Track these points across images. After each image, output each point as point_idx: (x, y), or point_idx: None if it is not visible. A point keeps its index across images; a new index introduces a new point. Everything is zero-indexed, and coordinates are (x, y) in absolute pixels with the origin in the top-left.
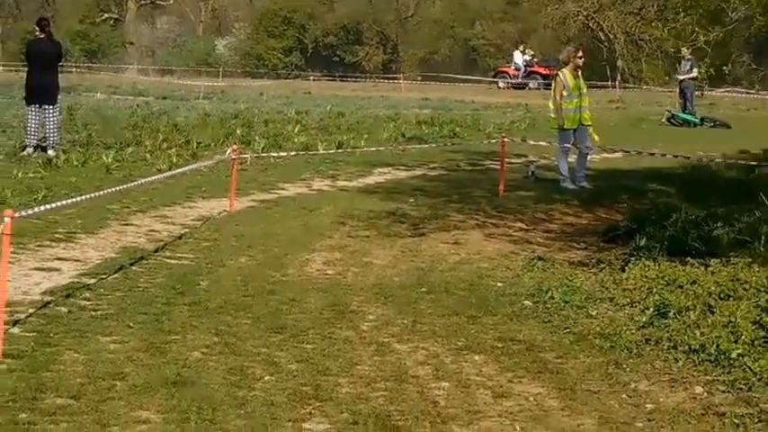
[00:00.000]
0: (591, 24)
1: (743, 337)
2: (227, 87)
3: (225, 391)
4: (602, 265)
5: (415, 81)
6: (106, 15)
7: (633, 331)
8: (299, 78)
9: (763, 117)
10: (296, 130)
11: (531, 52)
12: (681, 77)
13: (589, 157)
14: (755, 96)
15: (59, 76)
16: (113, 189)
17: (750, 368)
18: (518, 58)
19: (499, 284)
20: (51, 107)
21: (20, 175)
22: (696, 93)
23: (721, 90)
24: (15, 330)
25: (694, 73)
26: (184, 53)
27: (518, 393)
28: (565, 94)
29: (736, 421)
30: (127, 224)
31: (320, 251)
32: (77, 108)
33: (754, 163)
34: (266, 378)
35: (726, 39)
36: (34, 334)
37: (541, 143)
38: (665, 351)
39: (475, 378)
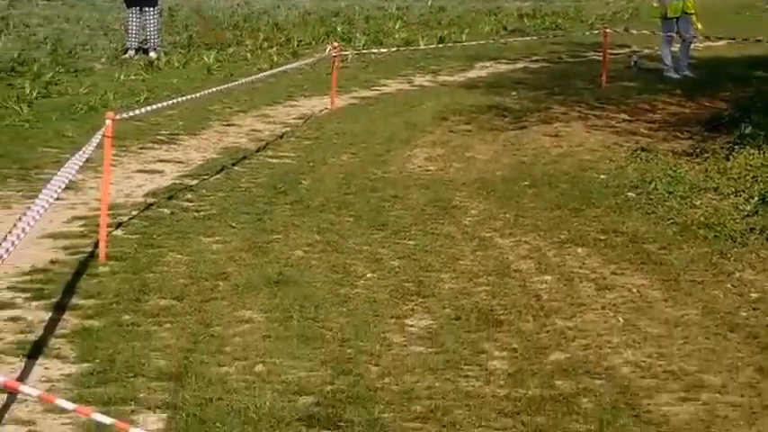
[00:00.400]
0: None
1: None
2: None
3: (327, 289)
4: (707, 155)
5: None
6: None
7: (738, 220)
8: None
9: None
10: (397, 26)
11: None
12: None
13: (692, 46)
14: None
15: None
16: (214, 89)
17: None
18: None
19: (602, 176)
20: (152, 9)
21: (122, 77)
22: None
23: None
24: (119, 233)
25: None
26: None
27: (621, 285)
28: None
29: None
30: (228, 124)
31: (422, 147)
32: (178, 9)
33: None
34: (368, 275)
35: None
36: (137, 236)
37: (644, 33)
38: None
39: (578, 271)
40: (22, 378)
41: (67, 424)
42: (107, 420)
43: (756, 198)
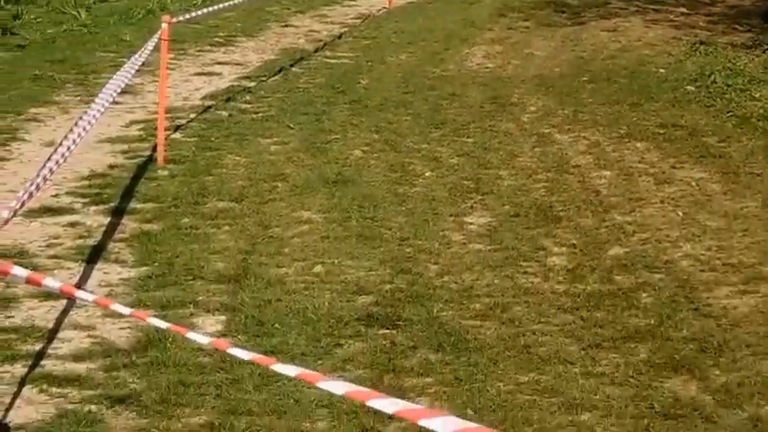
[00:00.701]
0: None
1: None
2: None
3: (386, 188)
4: (766, 47)
5: None
6: None
7: None
8: None
9: None
10: None
11: None
12: None
13: None
14: None
15: None
16: None
17: None
18: None
19: (661, 70)
20: None
21: None
22: None
23: None
24: (177, 136)
25: None
26: None
27: (680, 179)
28: None
29: None
30: (286, 25)
31: (480, 45)
32: None
33: None
34: (427, 174)
35: None
36: (195, 139)
37: None
38: None
39: (637, 165)
40: (80, 283)
41: (126, 328)
42: (163, 324)
43: None
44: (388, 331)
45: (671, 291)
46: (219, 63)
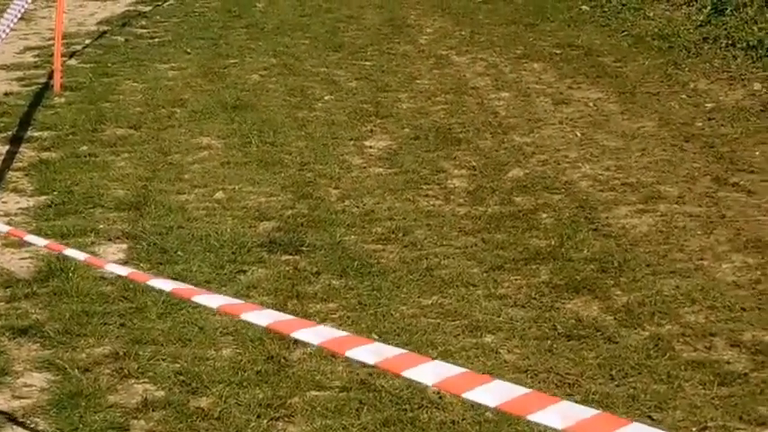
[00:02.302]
0: None
1: None
2: None
3: (285, 112)
4: None
5: None
6: None
7: (691, 30)
8: None
9: None
10: None
11: None
12: None
13: None
14: None
15: None
16: None
17: None
18: None
19: None
20: None
21: None
22: None
23: None
24: (73, 62)
25: None
26: None
27: (577, 99)
28: None
29: None
30: None
31: None
32: None
33: None
34: (326, 98)
35: None
36: (92, 65)
37: None
38: (723, 49)
39: (534, 86)
40: None
41: (26, 258)
42: (80, 256)
43: (709, 8)
44: (290, 257)
45: (571, 211)
46: None
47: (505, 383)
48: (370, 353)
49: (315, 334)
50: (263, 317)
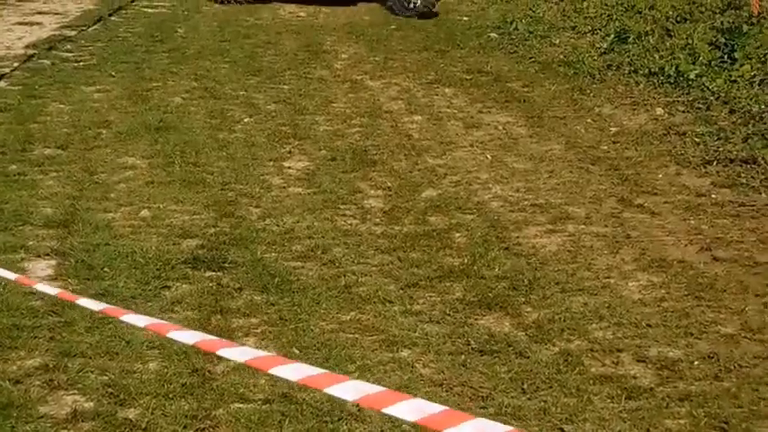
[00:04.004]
0: None
1: (700, 58)
2: None
3: (207, 134)
4: None
5: None
6: None
7: (595, 57)
8: None
9: None
10: None
11: None
12: None
13: None
14: None
15: None
16: None
17: (708, 88)
18: None
19: (465, 18)
20: None
21: None
22: None
23: None
24: (2, 84)
25: None
26: None
27: (488, 123)
28: None
29: (696, 139)
30: None
31: None
32: None
33: None
34: (246, 120)
35: None
36: (20, 87)
37: None
38: (626, 75)
39: (446, 110)
40: None
41: None
42: (11, 275)
43: (612, 36)
44: (214, 273)
45: (482, 231)
46: (40, 13)
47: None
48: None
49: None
50: (188, 336)
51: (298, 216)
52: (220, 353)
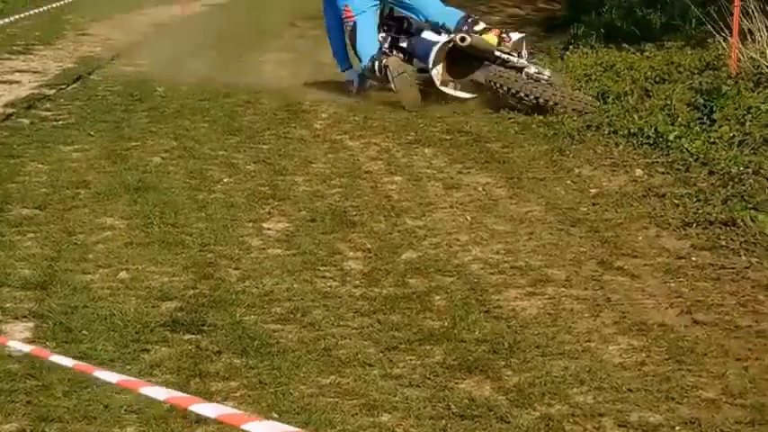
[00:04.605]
0: None
1: (679, 119)
2: None
3: (186, 194)
4: (543, 55)
5: None
6: None
7: (575, 118)
8: None
9: None
10: None
11: None
12: None
13: None
14: None
15: None
16: (68, 0)
17: (687, 149)
18: None
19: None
20: None
21: None
22: None
23: None
24: None
25: None
26: None
27: (467, 184)
28: None
29: (675, 201)
30: (83, 34)
31: (272, 52)
32: None
33: None
34: (225, 180)
35: None
36: None
37: None
38: (605, 136)
39: (425, 171)
40: None
41: None
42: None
43: (591, 96)
44: (193, 336)
45: (462, 293)
46: (19, 71)
47: None
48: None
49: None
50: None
51: (277, 278)
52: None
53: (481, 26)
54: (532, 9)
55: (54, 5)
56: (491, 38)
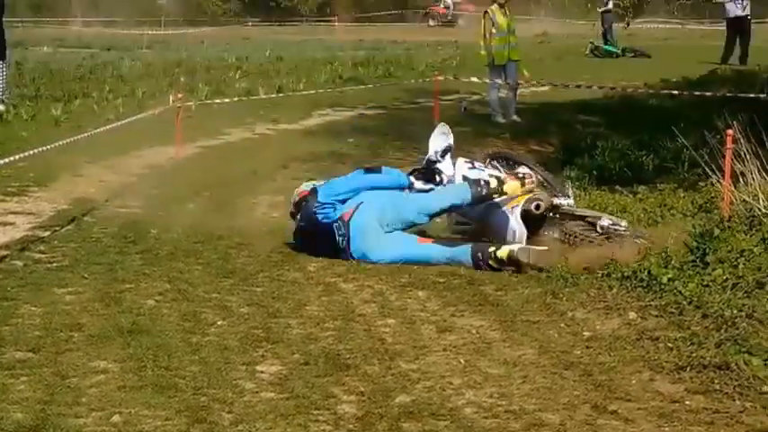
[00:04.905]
0: None
1: (672, 261)
2: (170, 36)
3: (179, 337)
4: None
5: (350, 23)
6: None
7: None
8: (237, 24)
9: (680, 46)
10: (237, 76)
11: None
12: (601, 10)
13: (518, 91)
14: (672, 26)
15: (5, 30)
16: (63, 141)
17: (680, 292)
18: None
19: (437, 220)
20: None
21: None
22: (621, 24)
23: (640, 20)
24: None
25: (610, 5)
26: (127, 4)
27: (461, 327)
28: (494, 31)
29: (669, 344)
30: (78, 175)
31: (265, 194)
32: (25, 62)
33: (675, 91)
34: (219, 323)
35: None
36: None
37: (473, 80)
38: (598, 279)
39: (419, 314)
40: None
41: None
42: None
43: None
44: None
45: None
46: (13, 213)
47: None
48: None
49: None
50: None
51: (270, 422)
52: None
53: (495, 183)
54: (525, 150)
55: (49, 147)
56: (515, 186)
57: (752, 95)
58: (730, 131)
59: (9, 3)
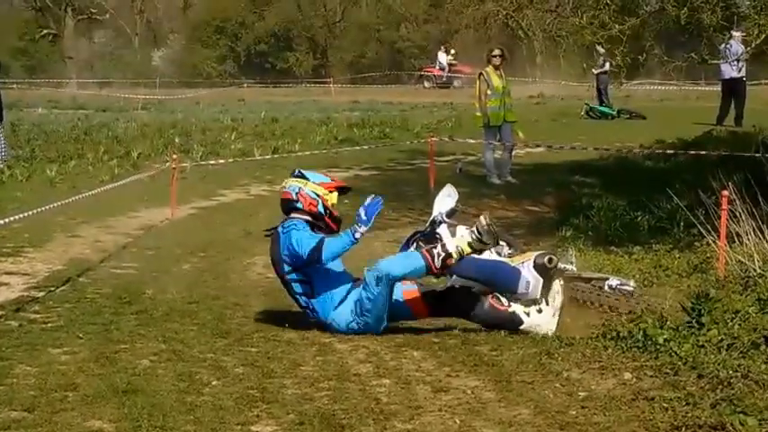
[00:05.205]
0: (510, 23)
1: (668, 322)
2: (165, 98)
3: (174, 397)
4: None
5: (345, 84)
6: (45, 31)
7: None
8: (233, 86)
9: (675, 107)
10: (232, 137)
11: (454, 52)
12: (596, 71)
13: (514, 152)
14: (667, 88)
15: (1, 92)
16: (58, 203)
17: (676, 353)
18: (442, 58)
19: (433, 280)
20: None
21: None
22: (613, 85)
23: (636, 82)
24: None
25: (606, 67)
26: (122, 66)
27: (456, 387)
28: (489, 92)
29: (665, 405)
30: (73, 236)
31: (260, 255)
32: (20, 124)
33: (670, 151)
34: (213, 383)
35: (639, 30)
36: None
37: (468, 141)
38: (594, 339)
39: (414, 374)
40: None
41: None
42: None
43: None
44: None
45: None
46: (8, 273)
47: None
48: None
49: None
50: None
51: None
52: None
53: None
54: (520, 211)
55: (44, 208)
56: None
57: (747, 155)
58: (725, 192)
59: (5, 64)
